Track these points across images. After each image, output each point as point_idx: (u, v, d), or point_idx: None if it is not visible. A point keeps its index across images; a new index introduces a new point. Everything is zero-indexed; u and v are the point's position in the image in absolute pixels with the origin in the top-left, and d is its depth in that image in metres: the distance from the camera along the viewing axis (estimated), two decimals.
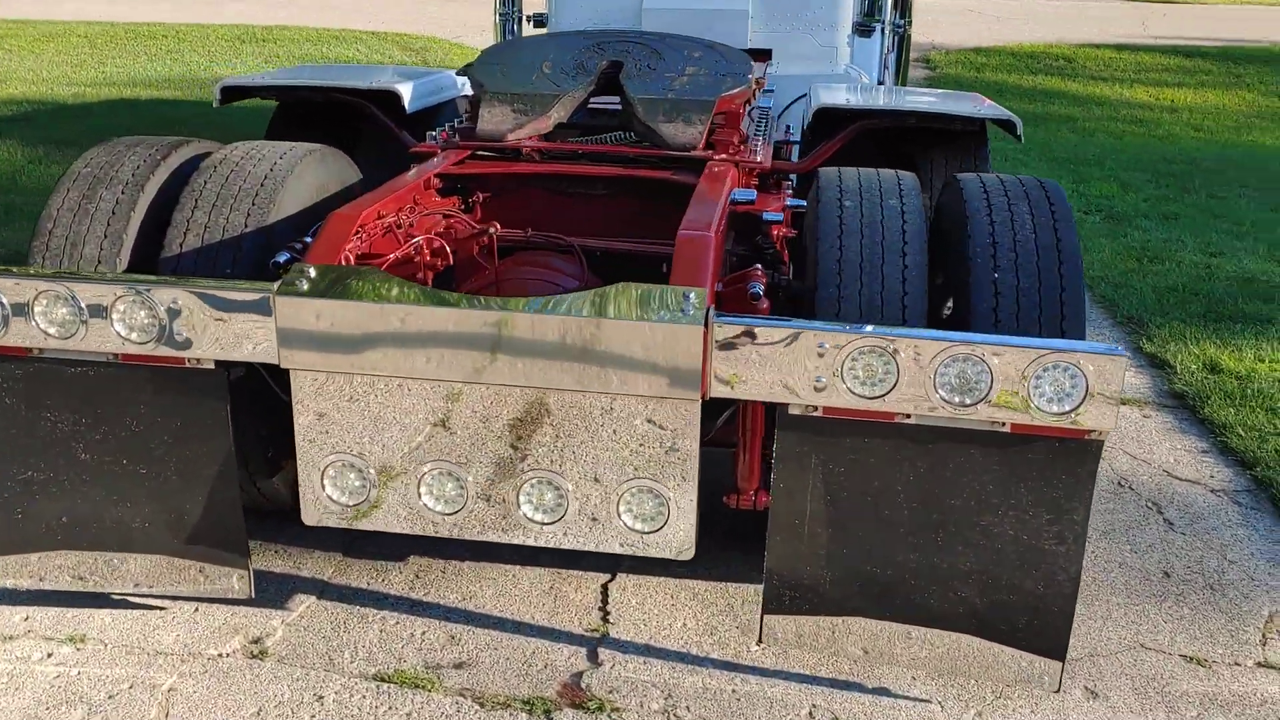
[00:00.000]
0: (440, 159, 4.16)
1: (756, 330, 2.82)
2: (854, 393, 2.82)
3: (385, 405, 3.00)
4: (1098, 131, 13.37)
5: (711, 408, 2.98)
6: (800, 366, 2.81)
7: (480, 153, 4.32)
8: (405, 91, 4.75)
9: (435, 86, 5.10)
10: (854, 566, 3.03)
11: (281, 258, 3.27)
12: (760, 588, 3.09)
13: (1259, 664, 3.43)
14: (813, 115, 4.56)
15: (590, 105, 4.58)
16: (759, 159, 4.24)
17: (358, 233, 3.33)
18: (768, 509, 3.39)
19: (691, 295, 2.88)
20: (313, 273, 2.99)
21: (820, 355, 2.80)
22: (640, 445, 2.95)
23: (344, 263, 3.22)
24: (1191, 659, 3.44)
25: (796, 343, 2.80)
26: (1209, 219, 8.75)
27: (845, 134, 4.55)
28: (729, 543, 3.77)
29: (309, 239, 3.40)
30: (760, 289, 3.11)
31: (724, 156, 4.20)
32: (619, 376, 2.87)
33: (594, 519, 3.03)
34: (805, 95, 5.41)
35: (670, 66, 4.54)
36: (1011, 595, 2.99)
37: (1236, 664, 3.42)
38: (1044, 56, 18.67)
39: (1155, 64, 18.12)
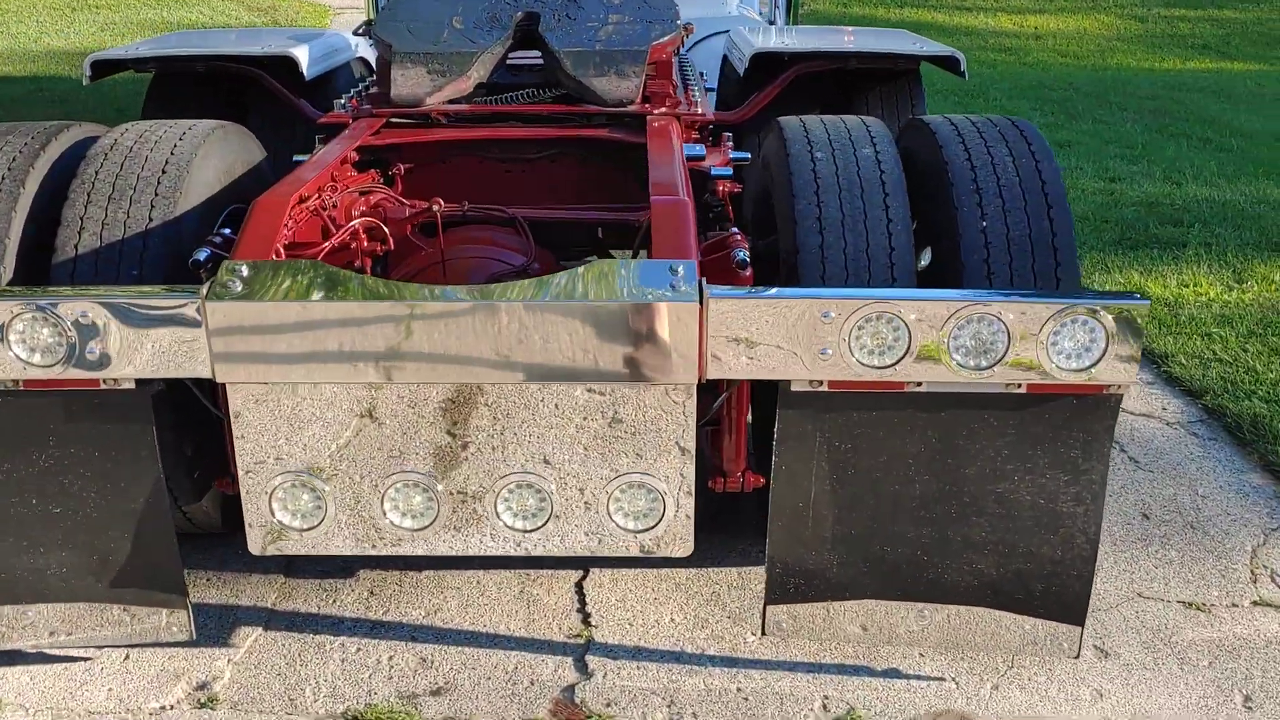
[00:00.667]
0: (354, 130, 3.77)
1: (756, 302, 2.56)
2: (863, 363, 2.60)
3: (340, 415, 2.65)
4: (971, 62, 13.43)
5: (704, 388, 2.72)
6: (804, 338, 2.57)
7: (396, 120, 3.94)
8: (301, 56, 4.32)
9: (330, 49, 4.67)
10: (862, 547, 2.83)
11: (202, 254, 2.87)
12: (747, 571, 2.86)
13: (1255, 603, 3.37)
14: (749, 61, 4.28)
15: (509, 61, 4.23)
16: (700, 111, 3.96)
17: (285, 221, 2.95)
18: (757, 490, 3.17)
19: (680, 269, 2.61)
20: (246, 271, 2.61)
21: (826, 324, 2.56)
22: (631, 436, 2.67)
23: (276, 257, 2.84)
24: (1190, 605, 3.35)
25: (799, 312, 2.55)
26: (1101, 144, 8.82)
27: (782, 79, 4.31)
28: (707, 525, 3.53)
29: (228, 231, 3.00)
30: (746, 256, 2.85)
31: (663, 110, 3.91)
32: (607, 363, 2.58)
33: (581, 521, 2.75)
34: (708, 39, 5.12)
35: (591, 14, 4.21)
36: (1028, 563, 2.82)
37: (1234, 605, 3.35)
38: None
39: None
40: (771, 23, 7.10)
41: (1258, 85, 11.80)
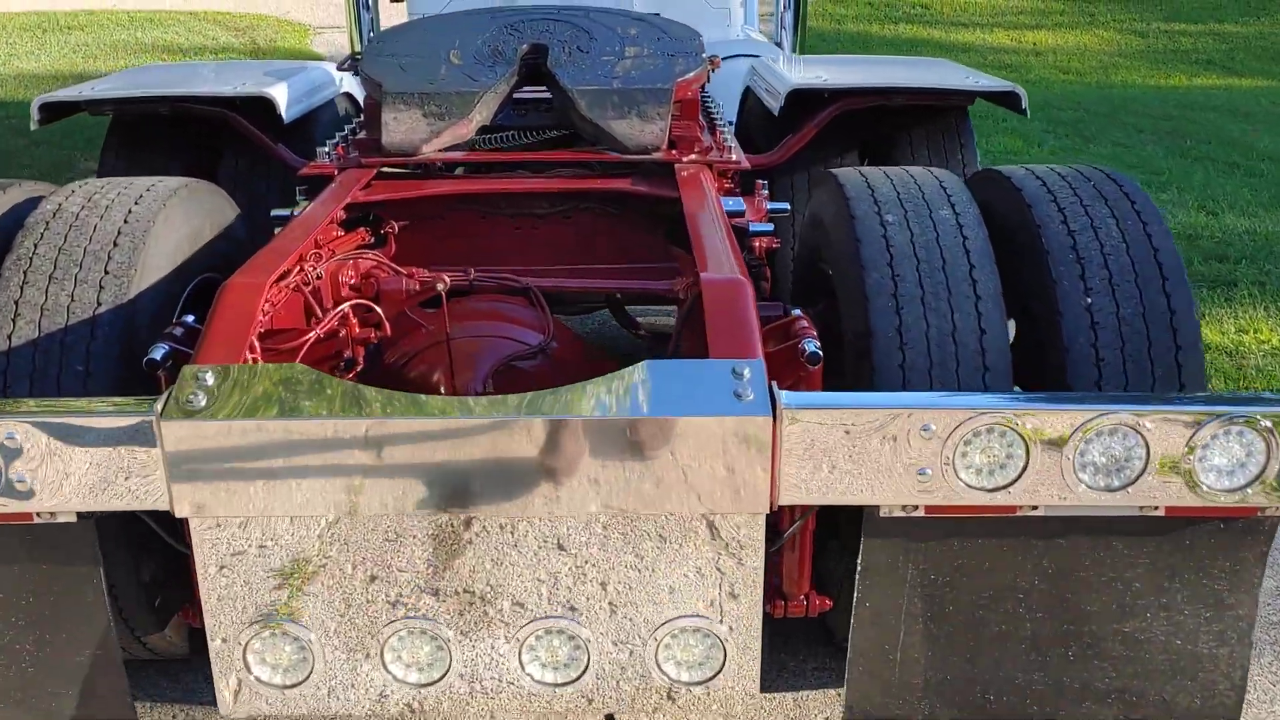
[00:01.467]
0: (341, 185, 3.28)
1: (841, 414, 2.08)
2: (970, 485, 2.13)
3: (332, 550, 2.16)
4: None
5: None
6: (899, 456, 2.10)
7: (387, 170, 3.46)
8: (278, 96, 3.83)
9: (311, 86, 4.18)
10: (961, 697, 2.35)
11: (158, 352, 2.37)
12: (805, 699, 2.38)
13: None
14: (784, 99, 3.82)
15: (515, 96, 3.75)
16: (734, 157, 3.49)
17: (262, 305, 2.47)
18: (824, 614, 2.69)
19: (745, 371, 2.13)
20: (211, 378, 2.12)
21: (926, 439, 2.09)
22: (684, 574, 2.19)
23: (251, 355, 2.35)
24: None
25: (894, 424, 2.08)
26: (1124, 169, 8.39)
27: (821, 118, 3.84)
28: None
29: (191, 319, 2.51)
30: (817, 348, 2.37)
31: (693, 157, 3.43)
32: (657, 490, 2.10)
33: (624, 673, 2.27)
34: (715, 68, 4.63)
35: (605, 47, 3.74)
36: (1161, 714, 2.35)
37: None
38: (900, 4, 18.35)
39: (1010, 6, 17.99)
40: (778, 44, 6.65)
41: (1272, 104, 11.43)
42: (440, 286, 2.72)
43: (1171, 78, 13.62)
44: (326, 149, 3.48)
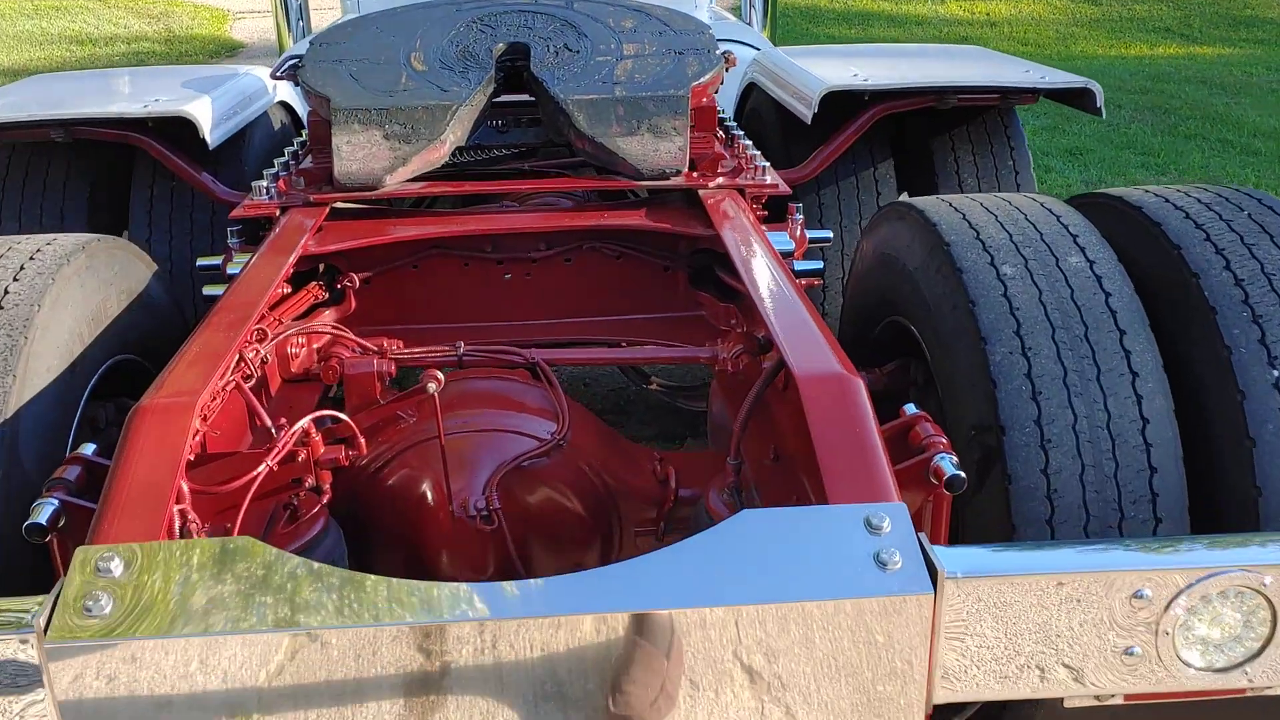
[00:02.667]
0: (283, 233, 2.60)
1: (1023, 581, 1.49)
2: (1194, 666, 1.54)
3: None
4: None
5: None
6: (1101, 632, 1.51)
7: (343, 206, 2.79)
8: (200, 114, 3.12)
9: (239, 98, 3.47)
10: None
11: (44, 514, 1.69)
12: None
13: None
14: (817, 102, 3.19)
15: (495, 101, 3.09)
16: (767, 178, 2.86)
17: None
18: None
19: (885, 522, 1.52)
20: (118, 567, 1.46)
21: (1139, 606, 1.50)
22: None
23: (178, 508, 1.69)
24: None
25: (1093, 591, 1.49)
26: (1115, 151, 7.91)
27: (860, 125, 3.23)
28: None
29: (93, 449, 1.83)
30: (957, 468, 1.76)
31: (722, 180, 2.81)
32: (770, 699, 1.49)
33: None
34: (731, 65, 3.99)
35: (599, 45, 3.08)
36: None
37: None
38: None
39: None
40: (748, 23, 6.02)
41: (1245, 74, 11.04)
42: (432, 387, 2.06)
43: (1132, 47, 13.22)
44: (265, 182, 2.80)
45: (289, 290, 2.60)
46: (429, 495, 2.26)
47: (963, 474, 1.72)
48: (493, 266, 2.76)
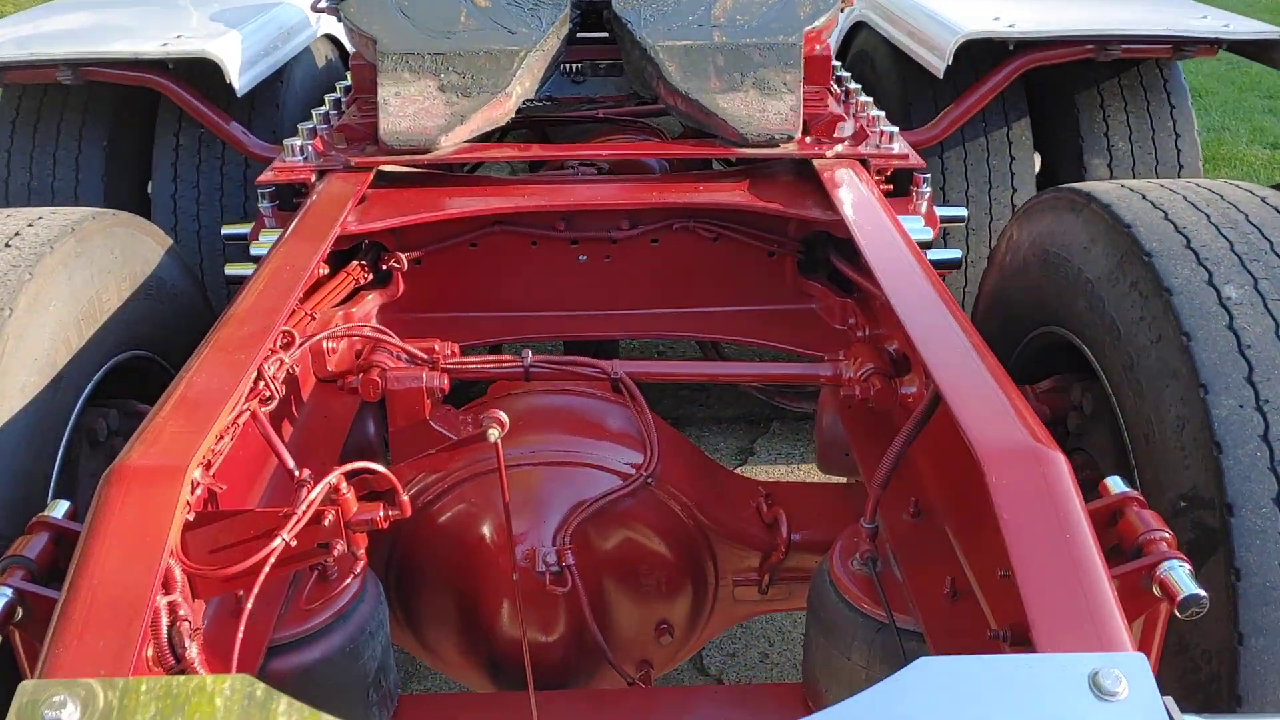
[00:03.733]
0: (320, 201, 2.19)
1: None
2: None
3: None
4: None
5: None
6: None
7: (390, 170, 2.36)
8: (227, 55, 2.68)
9: (275, 34, 3.02)
10: None
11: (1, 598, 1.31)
12: None
13: None
14: (952, 53, 2.68)
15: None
16: (894, 146, 2.38)
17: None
18: None
19: (1121, 686, 1.09)
20: (72, 715, 1.08)
21: None
22: None
23: (166, 599, 1.29)
24: None
25: None
26: (1238, 93, 7.24)
27: (1000, 80, 2.73)
28: None
29: (60, 514, 1.44)
30: (1192, 579, 1.31)
31: (842, 149, 2.34)
32: None
33: None
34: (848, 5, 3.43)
35: None
36: None
37: None
38: None
39: None
40: None
41: None
42: (494, 434, 1.64)
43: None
44: (298, 140, 2.37)
45: (326, 272, 2.19)
46: (488, 540, 1.86)
47: (1204, 593, 1.28)
48: (565, 247, 2.33)
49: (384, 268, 2.30)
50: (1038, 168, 3.06)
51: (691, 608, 1.99)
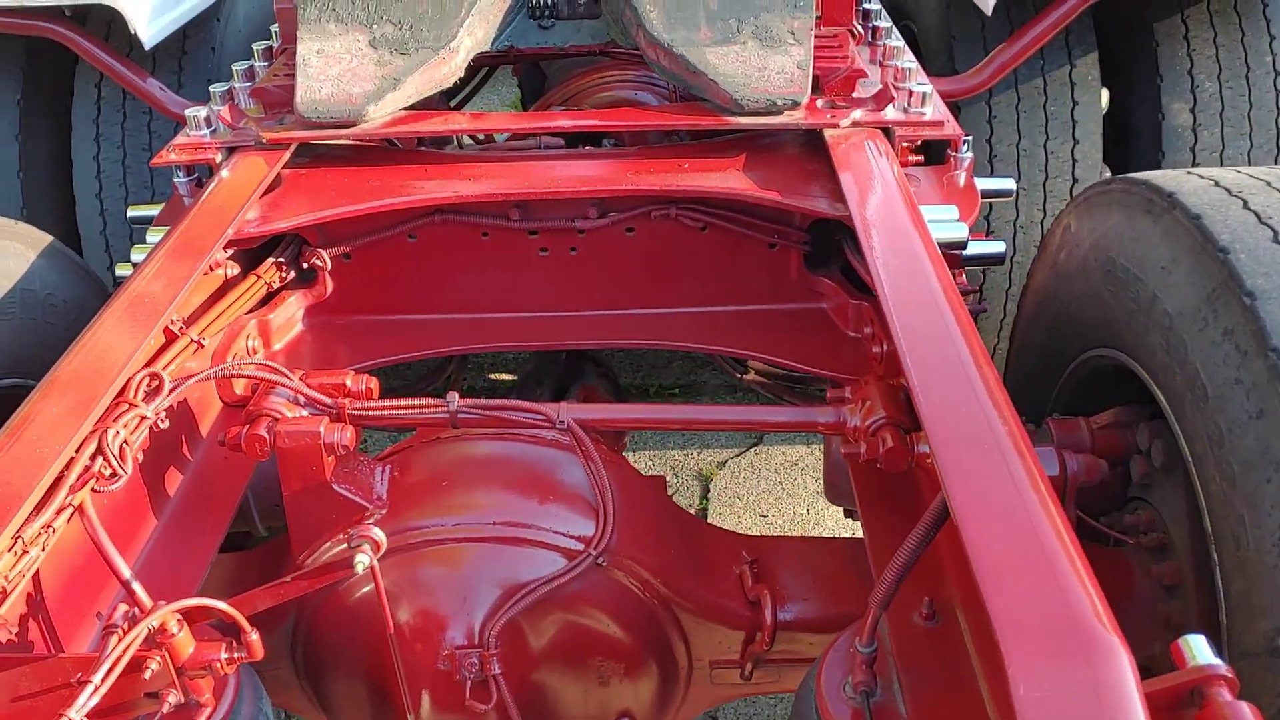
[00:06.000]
0: (218, 185, 1.81)
1: None
2: None
3: None
4: None
5: None
6: None
7: (314, 145, 1.97)
8: (130, 3, 2.26)
9: None
10: None
11: None
12: None
13: None
14: None
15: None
16: (925, 111, 1.93)
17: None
18: None
19: None
20: None
21: None
22: None
23: None
24: None
25: None
26: None
27: (1060, 17, 2.25)
28: None
29: None
30: None
31: (861, 114, 1.90)
32: None
33: None
34: None
35: None
36: None
37: None
38: None
39: None
40: None
41: None
42: (363, 564, 1.27)
43: None
44: (202, 111, 1.97)
45: (235, 271, 1.82)
46: (406, 628, 1.52)
47: None
48: (523, 237, 1.93)
49: (305, 265, 1.93)
50: (1105, 104, 2.58)
51: (658, 695, 1.65)
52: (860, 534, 2.02)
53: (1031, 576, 1.00)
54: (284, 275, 1.91)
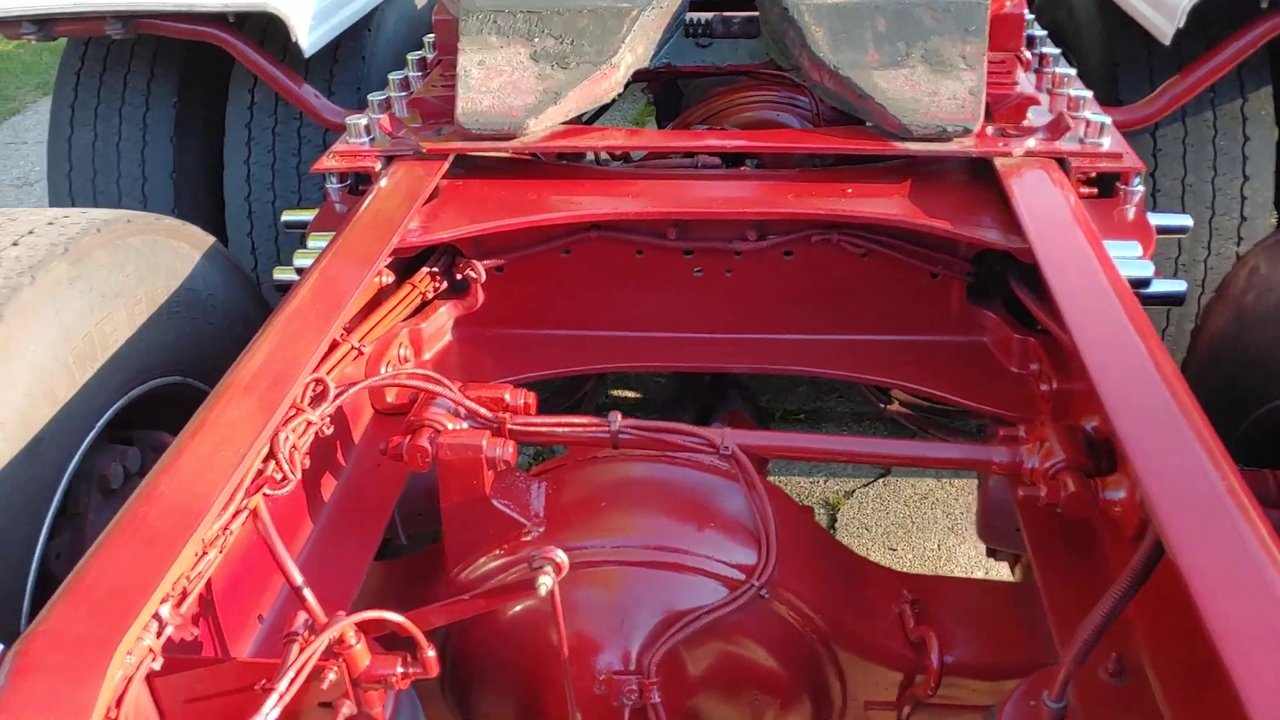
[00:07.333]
0: (378, 194, 1.81)
1: None
2: None
3: None
4: None
5: None
6: None
7: (472, 156, 1.97)
8: (294, 8, 2.29)
9: None
10: None
11: None
12: None
13: None
14: (1185, 14, 2.11)
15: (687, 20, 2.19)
16: (1103, 142, 1.86)
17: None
18: None
19: None
20: None
21: None
22: None
23: None
24: None
25: None
26: None
27: (1247, 43, 2.16)
28: None
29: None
30: None
31: (1034, 144, 1.84)
32: None
33: None
34: None
35: None
36: None
37: None
38: None
39: None
40: None
41: None
42: (546, 584, 1.25)
43: None
44: (362, 119, 1.99)
45: (390, 280, 1.83)
46: (544, 673, 1.50)
47: None
48: (678, 258, 1.90)
49: (458, 276, 1.92)
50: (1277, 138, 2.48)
51: None
52: (1009, 578, 1.95)
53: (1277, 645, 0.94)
54: (437, 285, 1.91)
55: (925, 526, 2.76)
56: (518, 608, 1.53)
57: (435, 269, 1.90)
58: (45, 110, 5.82)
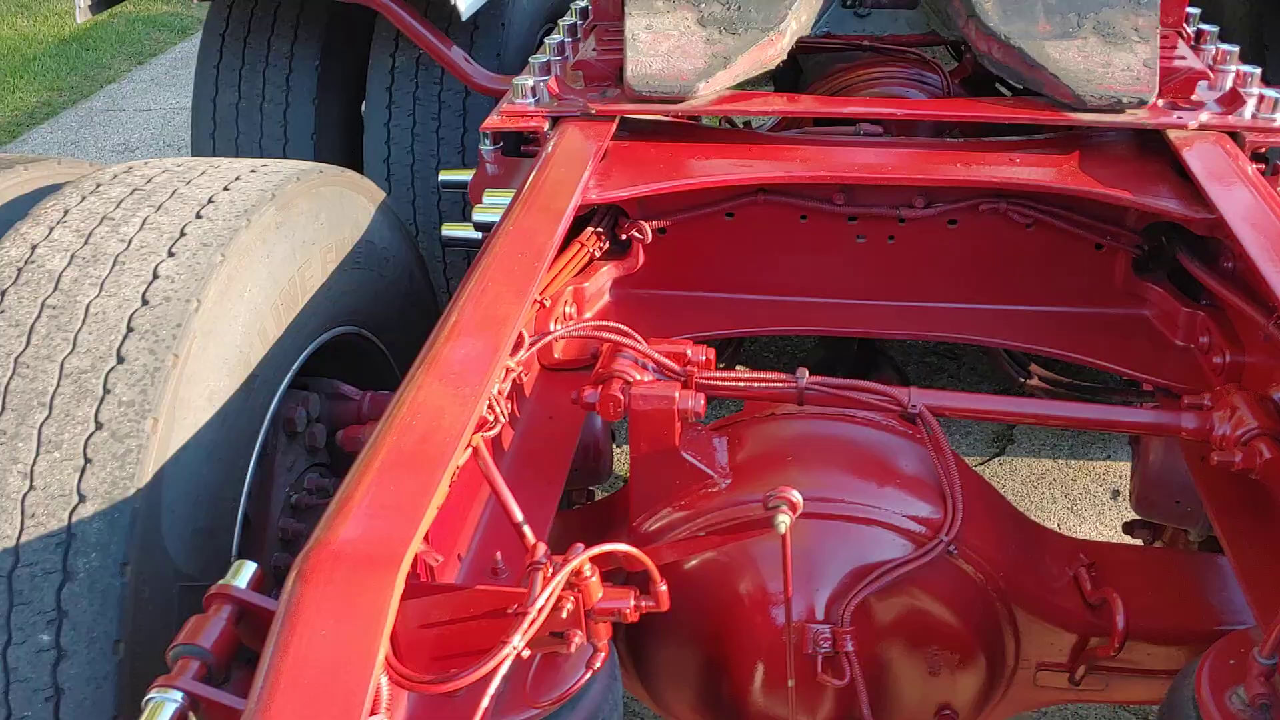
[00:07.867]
0: (551, 154, 1.85)
1: None
2: None
3: None
4: None
5: None
6: None
7: (637, 119, 2.00)
8: None
9: None
10: None
11: (165, 713, 1.04)
12: None
13: None
14: None
15: None
16: (1275, 115, 1.86)
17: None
18: None
19: None
20: None
21: None
22: None
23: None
24: None
25: None
26: None
27: None
28: None
29: (245, 581, 1.16)
30: None
31: (1208, 118, 1.84)
32: None
33: None
34: None
35: None
36: None
37: None
38: None
39: None
40: None
41: None
42: (785, 521, 1.28)
43: None
44: (528, 79, 2.02)
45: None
46: (745, 601, 1.52)
47: None
48: (841, 223, 1.92)
49: (623, 237, 1.95)
50: None
51: (981, 691, 1.62)
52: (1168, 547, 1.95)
53: None
54: (602, 245, 1.94)
55: (1044, 506, 2.76)
56: (697, 559, 1.57)
57: (600, 229, 1.93)
58: (140, 79, 5.93)
